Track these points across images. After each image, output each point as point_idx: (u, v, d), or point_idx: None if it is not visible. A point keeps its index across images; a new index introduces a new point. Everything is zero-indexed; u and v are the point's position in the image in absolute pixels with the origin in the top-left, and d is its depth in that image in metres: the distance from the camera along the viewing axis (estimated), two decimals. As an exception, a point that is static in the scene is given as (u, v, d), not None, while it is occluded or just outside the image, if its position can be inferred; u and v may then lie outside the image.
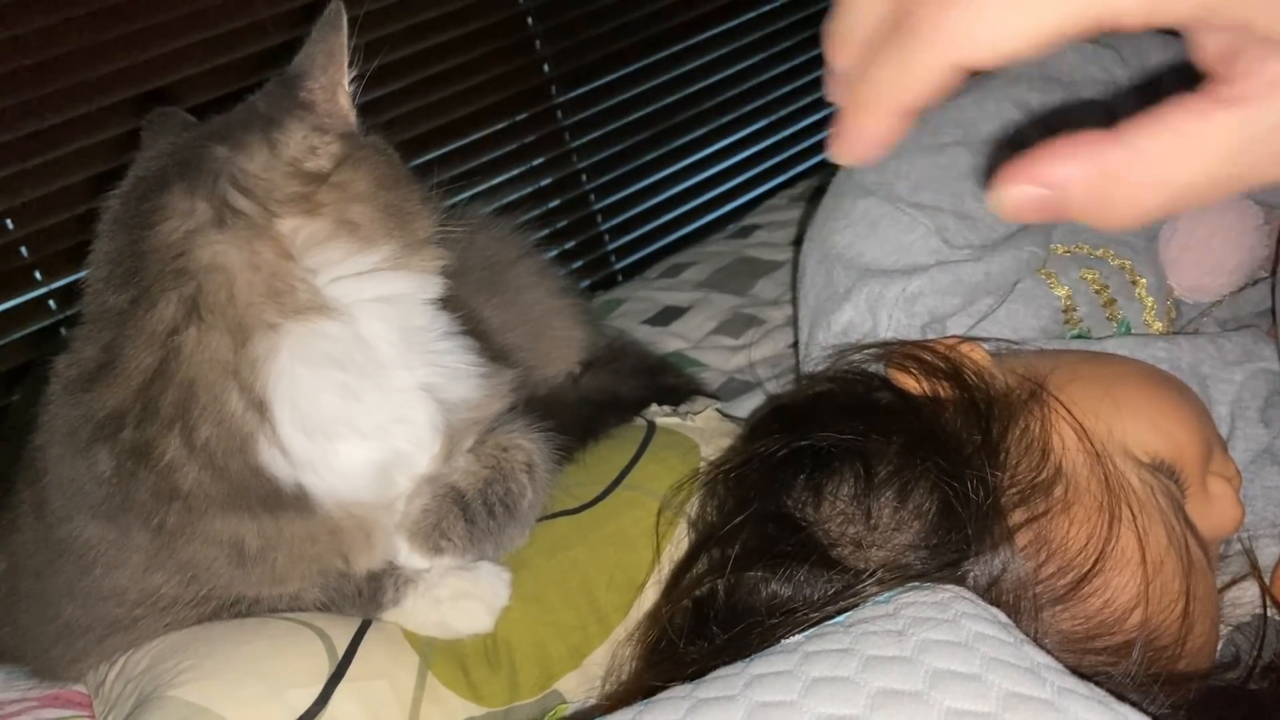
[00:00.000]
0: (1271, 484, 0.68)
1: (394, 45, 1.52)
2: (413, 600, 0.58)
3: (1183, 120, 0.25)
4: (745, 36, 1.98)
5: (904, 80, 0.27)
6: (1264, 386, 0.71)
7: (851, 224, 0.70)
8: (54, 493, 0.55)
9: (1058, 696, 0.39)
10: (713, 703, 0.40)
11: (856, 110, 0.29)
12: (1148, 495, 0.53)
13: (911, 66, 0.26)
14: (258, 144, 0.54)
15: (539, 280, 0.79)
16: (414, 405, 0.58)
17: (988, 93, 0.70)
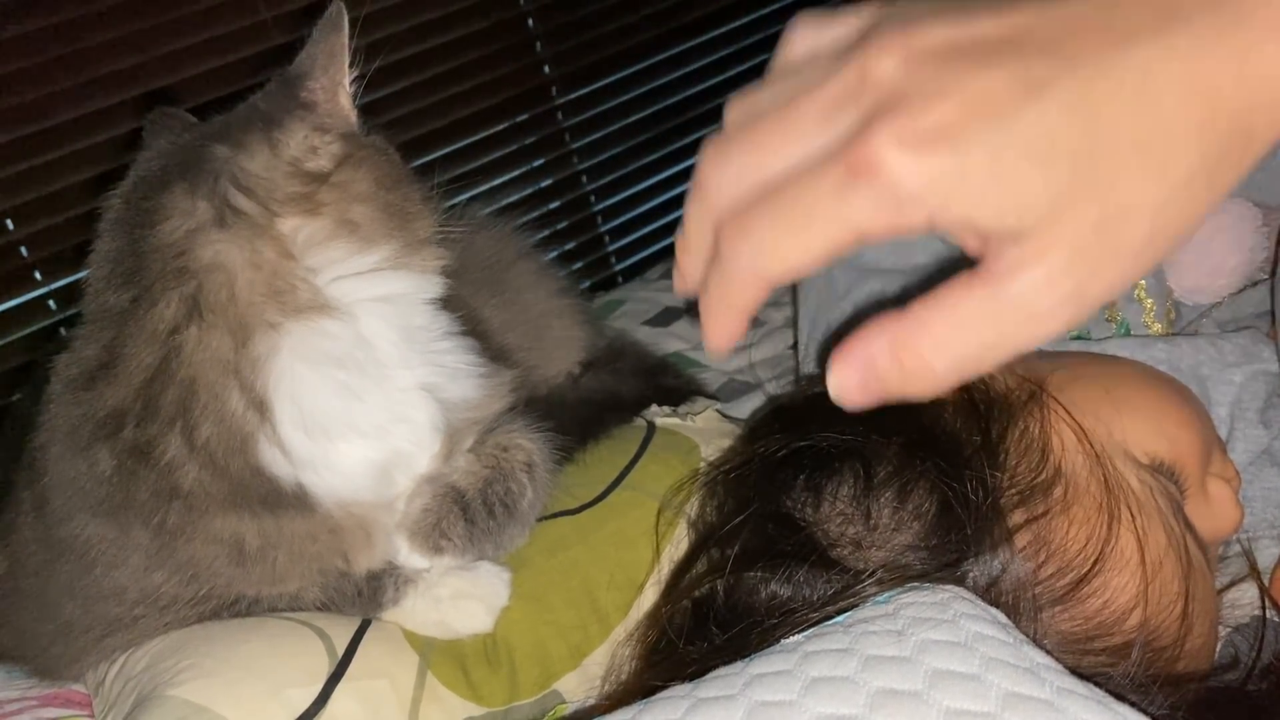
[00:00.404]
0: (1271, 485, 0.69)
1: (394, 47, 1.52)
2: (412, 600, 0.58)
3: (954, 295, 0.30)
4: (746, 38, 1.99)
5: (730, 296, 0.34)
6: (1263, 388, 0.71)
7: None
8: (54, 492, 0.55)
9: (1057, 696, 0.39)
10: (712, 702, 0.40)
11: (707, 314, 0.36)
12: (1147, 496, 0.53)
13: (731, 287, 0.34)
14: (259, 143, 0.54)
15: (539, 280, 0.79)
16: (414, 405, 0.58)
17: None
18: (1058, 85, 0.28)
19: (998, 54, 0.29)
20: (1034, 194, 0.28)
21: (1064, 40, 0.29)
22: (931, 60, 0.30)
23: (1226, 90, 0.28)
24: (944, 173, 0.29)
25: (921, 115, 0.29)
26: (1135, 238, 0.29)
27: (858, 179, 0.29)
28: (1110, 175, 0.28)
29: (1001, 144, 0.28)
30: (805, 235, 0.31)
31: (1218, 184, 0.29)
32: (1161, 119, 0.28)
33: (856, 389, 0.32)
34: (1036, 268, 0.29)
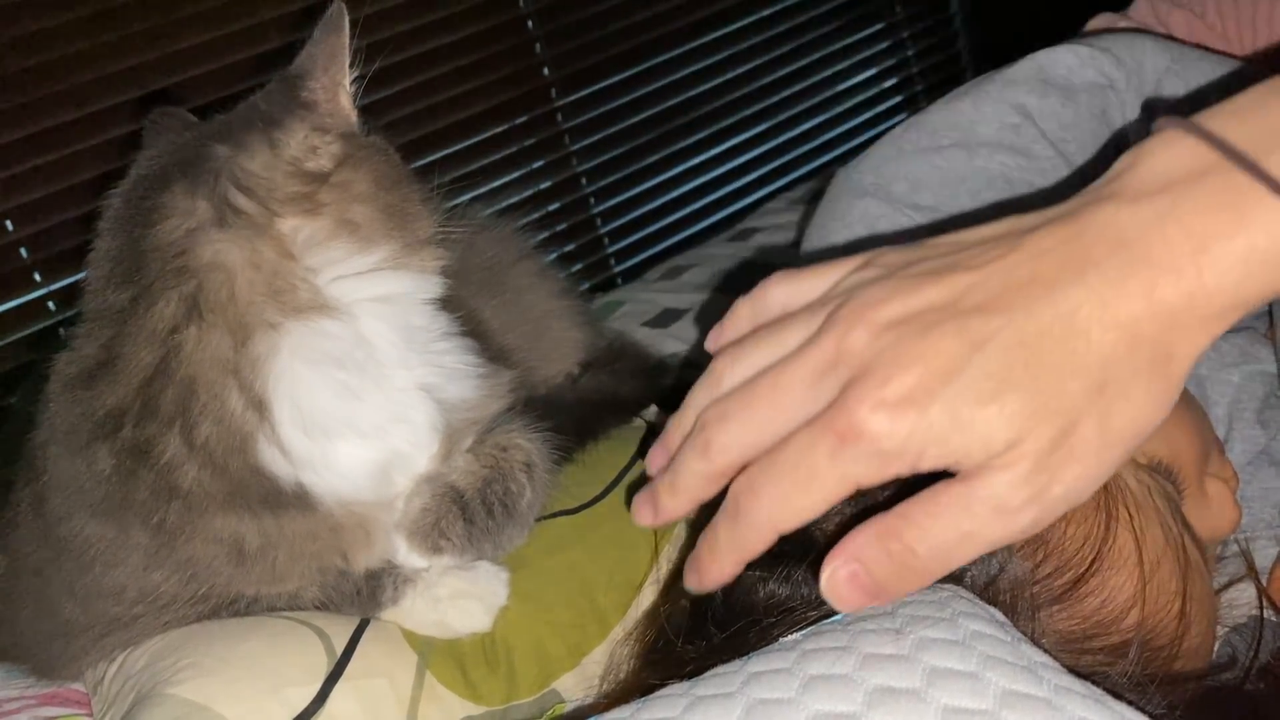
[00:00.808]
0: (1269, 485, 0.69)
1: (394, 48, 1.52)
2: (411, 599, 0.58)
3: (934, 493, 0.36)
4: (744, 41, 1.99)
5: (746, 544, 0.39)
6: (1261, 388, 0.71)
7: (849, 225, 0.71)
8: (53, 491, 0.55)
9: (1055, 694, 0.39)
10: (710, 700, 0.40)
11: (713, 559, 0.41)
12: (1145, 496, 0.53)
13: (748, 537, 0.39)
14: (259, 143, 0.54)
15: (539, 281, 0.79)
16: (413, 405, 0.58)
17: (985, 95, 0.71)
18: (996, 336, 0.35)
19: (944, 319, 0.35)
20: (991, 430, 0.34)
21: (999, 295, 0.35)
22: (891, 331, 0.36)
23: (1142, 320, 0.34)
24: (915, 430, 0.35)
25: (889, 384, 0.35)
26: (1088, 447, 0.35)
27: (846, 444, 0.36)
28: (1055, 399, 0.34)
29: (956, 397, 0.34)
30: (812, 493, 0.37)
31: (1156, 395, 0.35)
32: (1091, 349, 0.34)
33: (846, 581, 0.37)
34: (1002, 474, 0.35)
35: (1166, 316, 0.34)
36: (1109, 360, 0.34)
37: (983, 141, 0.69)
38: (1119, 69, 0.70)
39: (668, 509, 0.43)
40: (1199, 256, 0.33)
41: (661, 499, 0.42)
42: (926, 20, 2.25)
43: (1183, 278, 0.33)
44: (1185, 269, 0.33)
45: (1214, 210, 0.33)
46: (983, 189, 0.69)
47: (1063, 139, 0.69)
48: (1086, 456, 0.35)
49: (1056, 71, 0.70)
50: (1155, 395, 0.35)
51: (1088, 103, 0.70)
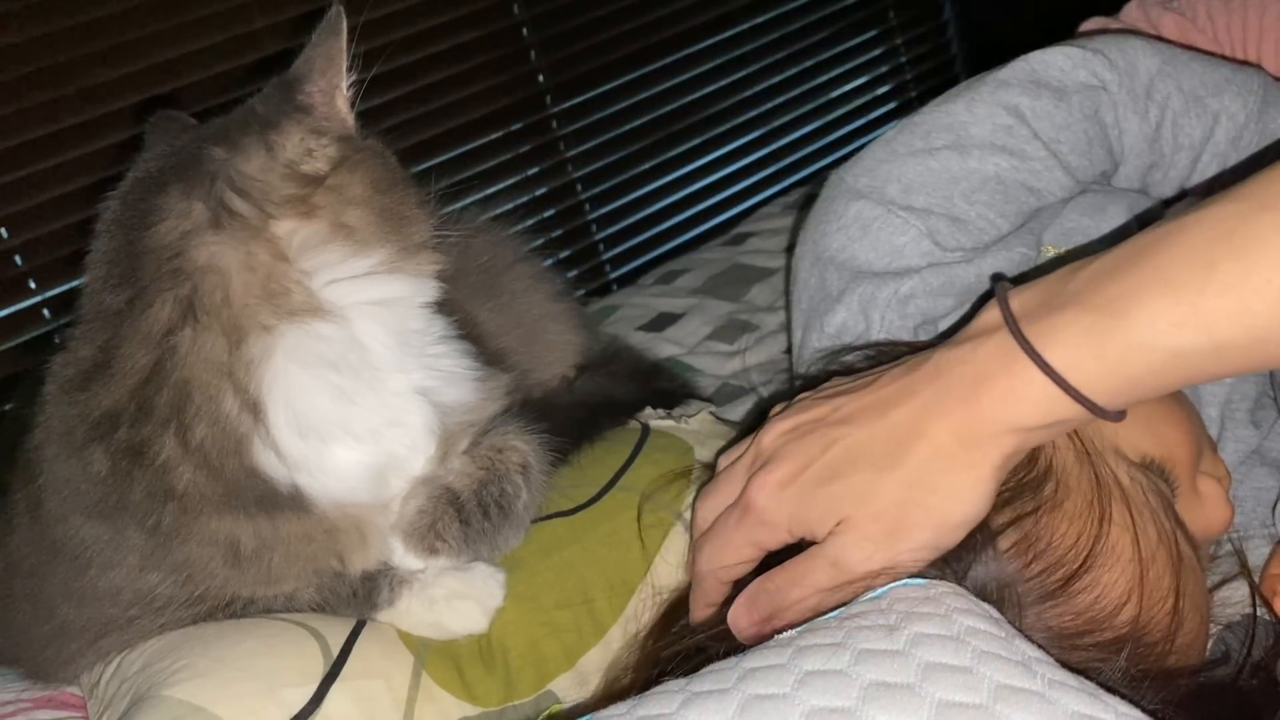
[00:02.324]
0: (1261, 485, 0.69)
1: (390, 55, 1.53)
2: (408, 600, 0.58)
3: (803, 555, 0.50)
4: (739, 47, 2.00)
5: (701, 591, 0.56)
6: (1253, 388, 0.71)
7: (844, 227, 0.71)
8: (49, 493, 0.55)
9: (1048, 689, 0.39)
10: (706, 696, 0.40)
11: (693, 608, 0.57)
12: (1138, 494, 0.54)
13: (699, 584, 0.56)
14: (255, 146, 0.54)
15: (534, 284, 0.80)
16: (409, 408, 0.58)
17: (977, 97, 0.71)
18: (840, 441, 0.49)
19: (816, 429, 0.50)
20: (827, 506, 0.48)
21: (852, 414, 0.50)
22: (784, 436, 0.52)
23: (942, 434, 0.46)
24: (782, 505, 0.50)
25: (773, 472, 0.51)
26: (900, 527, 0.47)
27: (745, 515, 0.52)
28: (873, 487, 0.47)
29: (808, 481, 0.49)
30: (728, 551, 0.53)
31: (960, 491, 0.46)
32: (907, 452, 0.47)
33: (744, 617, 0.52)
34: (837, 540, 0.48)
35: (961, 433, 0.46)
36: (919, 462, 0.46)
37: (975, 143, 0.70)
38: (1111, 70, 0.70)
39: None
40: (979, 391, 0.45)
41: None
42: (920, 27, 2.26)
43: (970, 407, 0.45)
44: (970, 400, 0.45)
45: (993, 359, 0.45)
46: (976, 190, 0.69)
47: (1055, 140, 0.70)
48: (902, 534, 0.47)
49: (1049, 73, 0.71)
50: (963, 491, 0.46)
51: (1080, 104, 0.70)
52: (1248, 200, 0.40)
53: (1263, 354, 0.40)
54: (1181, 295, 0.40)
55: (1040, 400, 0.44)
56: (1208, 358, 0.41)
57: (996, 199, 0.69)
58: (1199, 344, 0.40)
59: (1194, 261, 0.40)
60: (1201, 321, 0.40)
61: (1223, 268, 0.39)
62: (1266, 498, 0.68)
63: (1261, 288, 0.39)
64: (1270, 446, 0.71)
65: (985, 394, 0.45)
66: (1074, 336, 0.43)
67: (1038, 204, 0.71)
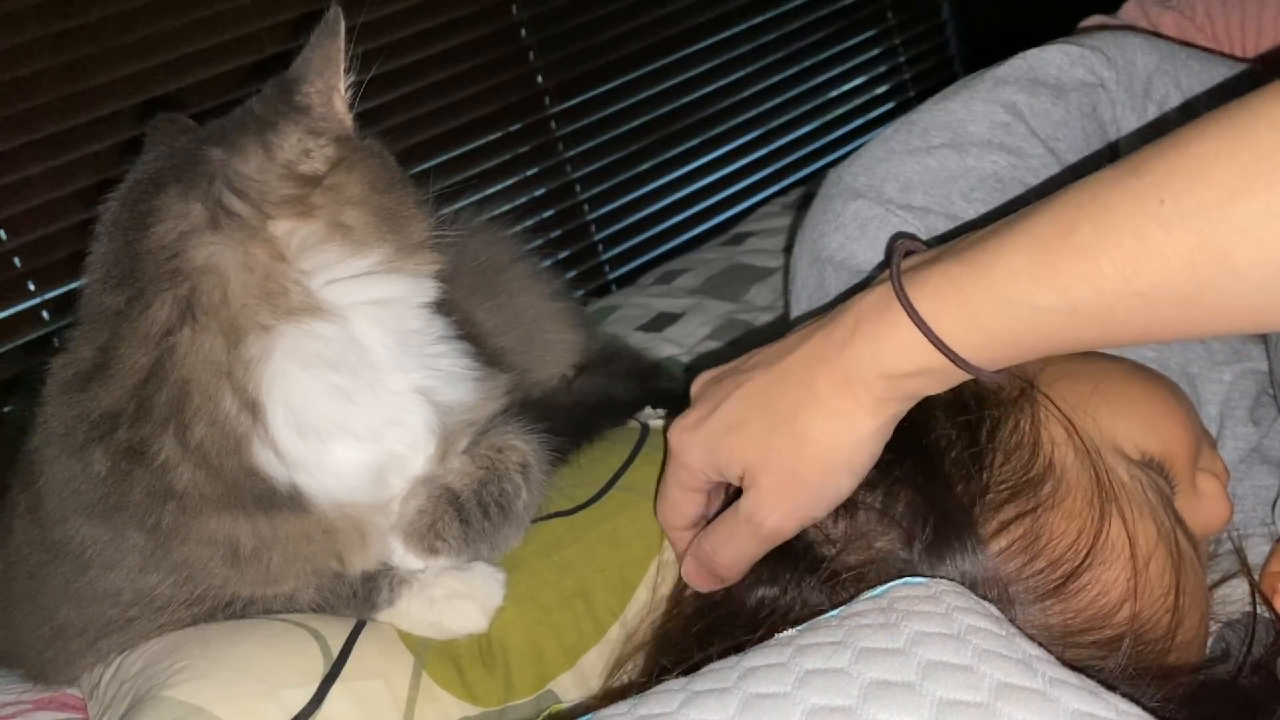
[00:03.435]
0: (1260, 483, 0.69)
1: (389, 56, 1.53)
2: (407, 600, 0.58)
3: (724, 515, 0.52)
4: (737, 48, 2.00)
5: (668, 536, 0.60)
6: (1252, 386, 0.71)
7: (842, 226, 0.71)
8: (49, 494, 0.55)
9: (1049, 686, 0.39)
10: (707, 695, 0.40)
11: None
12: (1137, 491, 0.54)
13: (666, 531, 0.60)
14: (253, 146, 0.54)
15: (533, 284, 0.80)
16: (409, 408, 0.58)
17: (975, 94, 0.71)
18: (747, 382, 0.50)
19: (730, 375, 0.52)
20: (733, 453, 0.50)
21: (760, 362, 0.50)
22: (704, 384, 0.54)
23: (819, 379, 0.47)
24: (695, 447, 0.52)
25: (688, 415, 0.53)
26: (817, 466, 0.48)
27: (669, 461, 0.54)
28: (783, 432, 0.48)
29: (716, 425, 0.51)
30: (666, 501, 0.56)
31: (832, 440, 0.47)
32: (789, 398, 0.48)
33: (691, 574, 0.55)
34: (750, 493, 0.50)
35: (835, 378, 0.47)
36: (800, 411, 0.47)
37: (973, 141, 0.70)
38: (1109, 68, 0.71)
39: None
40: (854, 336, 0.46)
41: None
42: (918, 26, 2.26)
43: (845, 351, 0.47)
44: (846, 345, 0.46)
45: (872, 306, 0.46)
46: (974, 188, 0.69)
47: (1053, 137, 0.70)
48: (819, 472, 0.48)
49: (1047, 70, 0.71)
50: (833, 438, 0.47)
51: (1078, 101, 0.70)
52: (1122, 167, 0.40)
53: (1113, 322, 0.40)
54: (1042, 254, 0.41)
55: (906, 347, 0.44)
56: (1065, 320, 0.41)
57: (994, 197, 0.69)
58: (1055, 303, 0.41)
59: (1060, 222, 0.41)
60: (1057, 281, 0.40)
61: (1082, 230, 0.40)
62: (1266, 495, 0.68)
63: (1111, 251, 0.39)
64: (1270, 444, 0.71)
65: (858, 339, 0.46)
66: (943, 285, 0.44)
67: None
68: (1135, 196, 0.39)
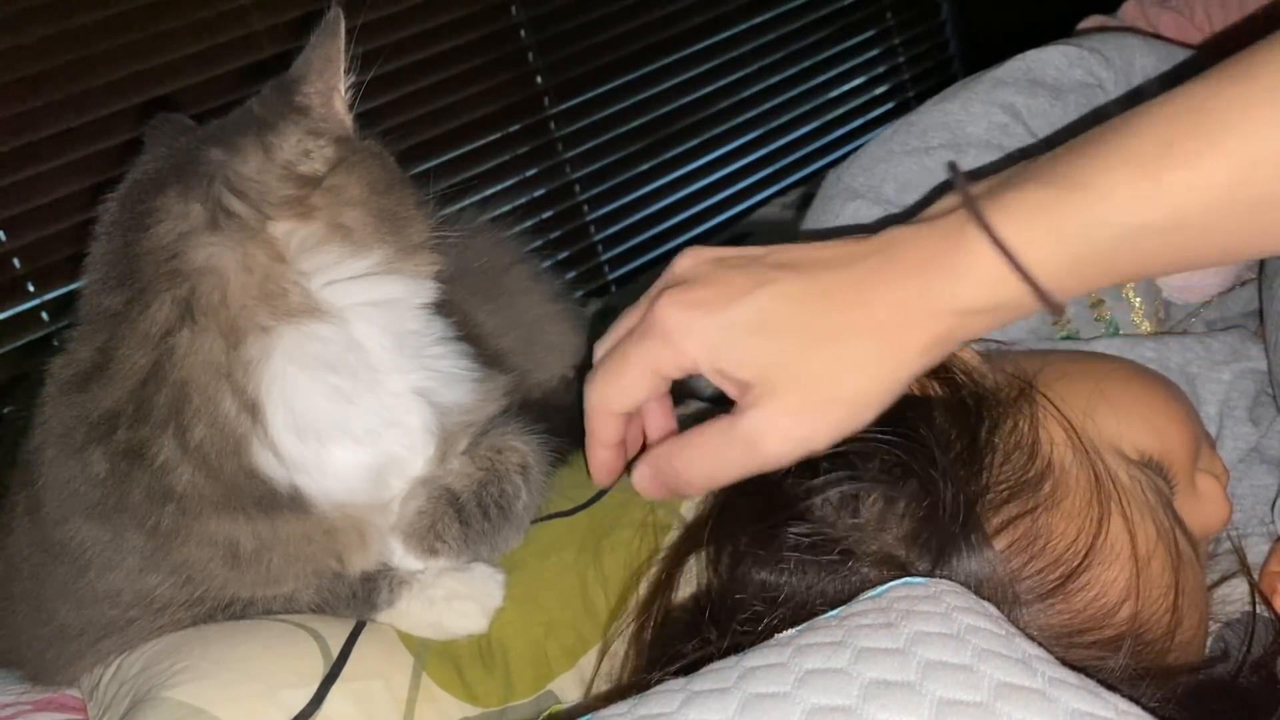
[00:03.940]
0: (1260, 482, 0.69)
1: (388, 57, 1.53)
2: (407, 601, 0.58)
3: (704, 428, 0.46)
4: (737, 48, 2.00)
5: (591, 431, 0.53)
6: (1252, 386, 0.72)
7: (841, 226, 0.71)
8: (49, 495, 0.55)
9: (1049, 686, 0.39)
10: (707, 695, 0.40)
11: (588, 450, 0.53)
12: (1136, 491, 0.54)
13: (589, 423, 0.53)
14: (252, 147, 0.54)
15: (533, 285, 0.80)
16: (408, 409, 0.58)
17: (973, 96, 0.71)
18: (779, 282, 0.43)
19: (747, 264, 0.45)
20: (750, 356, 0.43)
21: (795, 263, 0.44)
22: (708, 264, 0.46)
23: (879, 308, 0.43)
24: (695, 329, 0.44)
25: (690, 292, 0.45)
26: (823, 398, 0.43)
27: (648, 331, 0.46)
28: (803, 354, 0.42)
29: (734, 318, 0.44)
30: (621, 374, 0.48)
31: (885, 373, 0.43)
32: (839, 322, 0.43)
33: (643, 481, 0.49)
34: (761, 409, 0.43)
35: (900, 307, 0.42)
36: (850, 332, 0.42)
37: (971, 141, 0.70)
38: (1107, 69, 0.71)
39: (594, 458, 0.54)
40: (930, 268, 0.42)
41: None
42: (918, 27, 2.26)
43: (914, 280, 0.42)
44: (915, 274, 0.42)
45: (946, 236, 0.42)
46: None
47: (1052, 139, 0.70)
48: (823, 409, 0.43)
49: (1045, 71, 0.71)
50: (883, 371, 0.43)
51: (1076, 102, 0.70)
52: (1214, 77, 0.39)
53: (1221, 235, 0.39)
54: (1144, 169, 0.39)
55: (986, 279, 0.41)
56: (1166, 238, 0.39)
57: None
58: (1157, 219, 0.39)
59: (1157, 136, 0.39)
60: (1162, 196, 0.38)
61: (1186, 141, 0.38)
62: (1265, 495, 0.69)
63: (1227, 156, 0.37)
64: (1269, 444, 0.71)
65: (932, 269, 0.42)
66: (1031, 210, 0.41)
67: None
68: (1243, 101, 0.37)
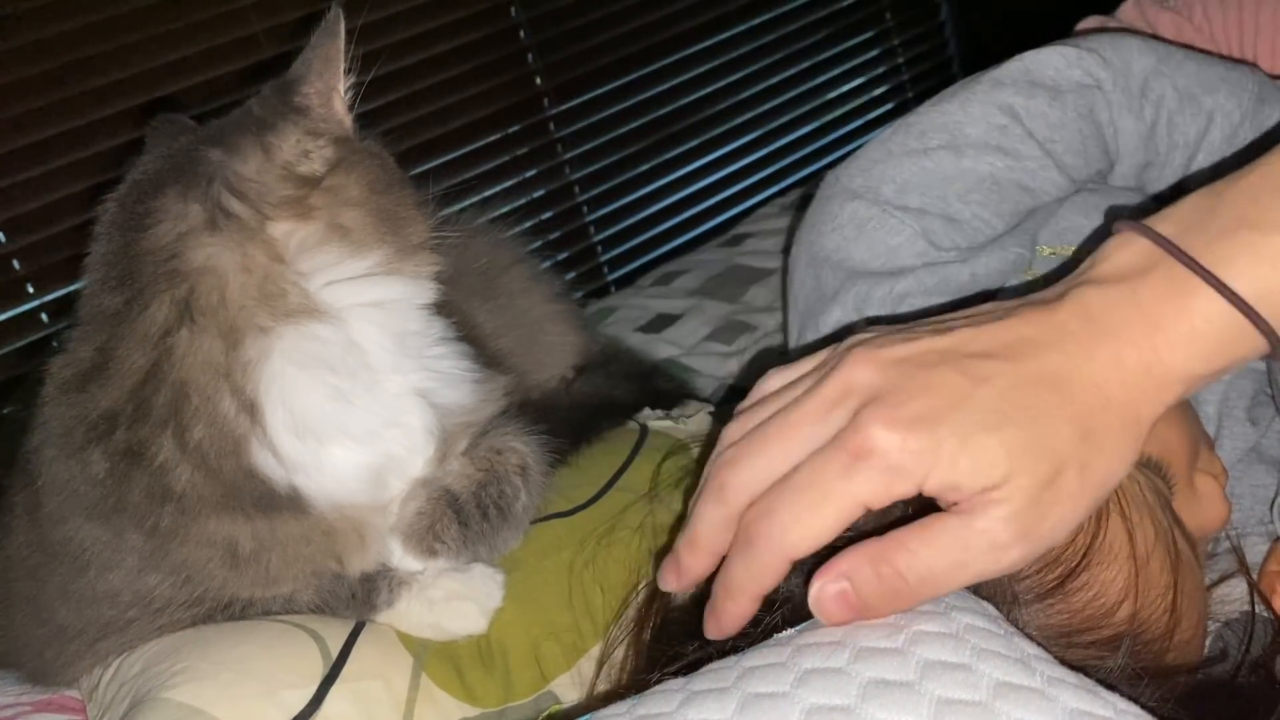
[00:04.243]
0: (1258, 482, 0.69)
1: (387, 58, 1.53)
2: (407, 601, 0.58)
3: (933, 522, 0.39)
4: (736, 49, 2.00)
5: (758, 577, 0.42)
6: (1250, 385, 0.72)
7: (839, 227, 0.71)
8: (48, 494, 0.55)
9: (1047, 685, 0.39)
10: (706, 695, 0.40)
11: (728, 598, 0.43)
12: (1135, 491, 0.54)
13: (759, 568, 0.41)
14: (251, 147, 0.54)
15: (532, 285, 0.80)
16: (408, 409, 0.58)
17: (972, 97, 0.71)
18: (996, 378, 0.39)
19: (945, 359, 0.40)
20: (993, 458, 0.38)
21: (993, 348, 0.40)
22: (896, 367, 0.40)
23: (1111, 383, 0.39)
24: (924, 448, 0.38)
25: (901, 407, 0.38)
26: (1071, 490, 0.39)
27: (858, 461, 0.39)
28: (1049, 440, 0.38)
29: (964, 423, 0.38)
30: (822, 512, 0.39)
31: (1125, 450, 0.40)
32: (1075, 402, 0.39)
33: (834, 598, 0.40)
34: (1000, 508, 0.38)
35: (1130, 383, 0.39)
36: (1089, 413, 0.39)
37: (970, 142, 0.70)
38: (1105, 69, 0.71)
39: (689, 567, 0.45)
40: (1154, 335, 0.39)
41: (682, 557, 0.45)
42: (917, 28, 2.27)
43: (1141, 351, 0.39)
44: (1142, 344, 0.39)
45: (1164, 298, 0.39)
46: (971, 190, 0.69)
47: (1050, 139, 0.70)
48: (1069, 499, 0.39)
49: (1043, 72, 0.71)
50: (1124, 450, 0.40)
51: (1075, 103, 0.70)
52: None
53: None
54: None
55: (1225, 340, 0.38)
56: None
57: (991, 199, 0.69)
58: None
59: None
60: None
61: None
62: (1264, 495, 0.69)
63: None
64: (1268, 444, 0.71)
65: (1162, 337, 0.39)
66: (1260, 262, 0.38)
67: (1033, 203, 0.71)
68: None
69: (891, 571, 0.39)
